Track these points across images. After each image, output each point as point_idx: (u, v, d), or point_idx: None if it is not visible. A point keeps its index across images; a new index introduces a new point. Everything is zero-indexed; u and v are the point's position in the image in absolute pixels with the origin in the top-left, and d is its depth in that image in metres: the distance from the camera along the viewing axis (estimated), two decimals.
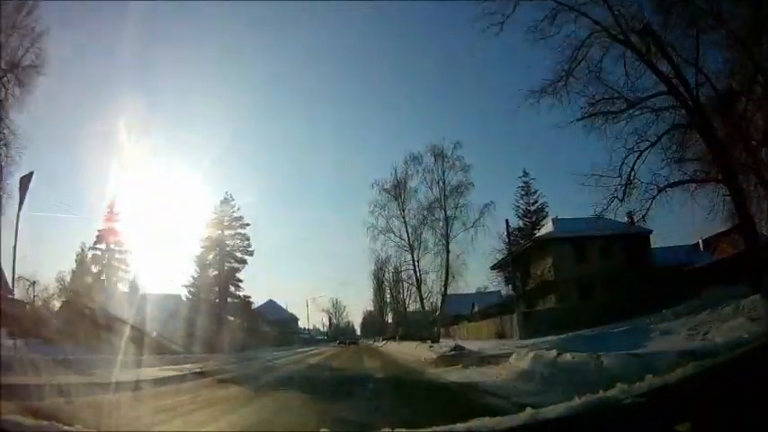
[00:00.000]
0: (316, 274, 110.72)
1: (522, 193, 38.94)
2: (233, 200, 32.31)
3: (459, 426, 1.71)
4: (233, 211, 32.04)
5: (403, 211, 30.62)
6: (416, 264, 30.03)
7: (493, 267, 35.27)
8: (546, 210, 38.44)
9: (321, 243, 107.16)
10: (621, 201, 17.37)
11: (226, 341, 26.62)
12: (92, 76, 51.91)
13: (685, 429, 1.32)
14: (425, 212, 30.05)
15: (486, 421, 1.72)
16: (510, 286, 34.44)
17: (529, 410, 1.77)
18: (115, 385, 8.57)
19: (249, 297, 32.45)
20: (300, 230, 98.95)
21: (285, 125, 72.42)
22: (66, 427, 2.14)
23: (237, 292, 32.09)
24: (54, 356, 14.59)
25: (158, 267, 38.56)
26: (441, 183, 29.83)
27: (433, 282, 30.30)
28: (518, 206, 38.71)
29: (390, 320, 66.40)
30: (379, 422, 4.22)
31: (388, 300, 50.10)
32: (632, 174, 16.66)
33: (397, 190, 30.77)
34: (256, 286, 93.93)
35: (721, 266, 21.52)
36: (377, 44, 61.63)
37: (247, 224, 32.55)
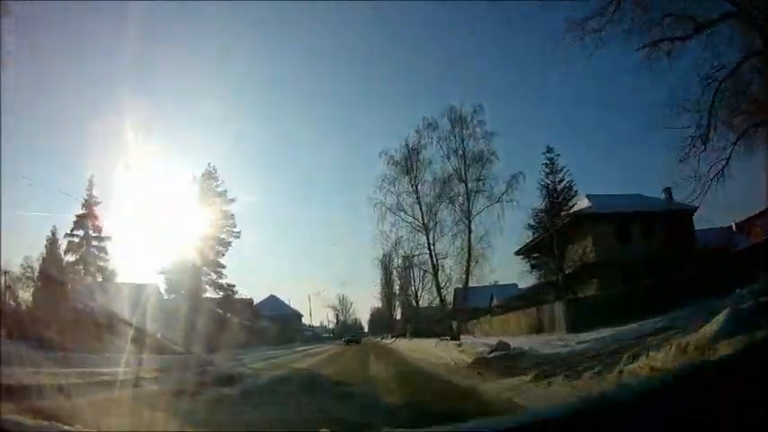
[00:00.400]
0: (321, 272, 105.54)
1: (547, 171, 33.23)
2: (216, 172, 27.23)
3: (459, 426, 1.61)
4: (216, 185, 27.02)
5: (416, 185, 25.15)
6: (432, 247, 24.56)
7: (518, 252, 29.65)
8: (574, 188, 32.68)
9: (327, 242, 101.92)
10: (705, 142, 13.79)
11: (206, 338, 21.43)
12: (85, 64, 47.45)
13: (685, 428, 1.24)
14: (442, 185, 24.55)
15: (487, 421, 1.70)
16: (540, 273, 28.85)
17: (529, 410, 1.19)
18: None
19: (233, 286, 27.30)
20: (306, 228, 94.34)
21: (288, 124, 67.69)
22: (66, 427, 2.01)
23: (220, 281, 27.06)
24: None
25: (141, 256, 33.71)
26: (460, 150, 24.34)
27: (450, 269, 24.78)
28: (543, 185, 33.02)
29: (399, 316, 60.96)
30: (380, 422, 4.02)
31: (397, 292, 44.19)
32: (713, 108, 13.47)
33: (409, 161, 25.33)
34: (259, 283, 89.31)
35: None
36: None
37: (232, 200, 27.37)
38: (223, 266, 25.63)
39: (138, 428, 4.58)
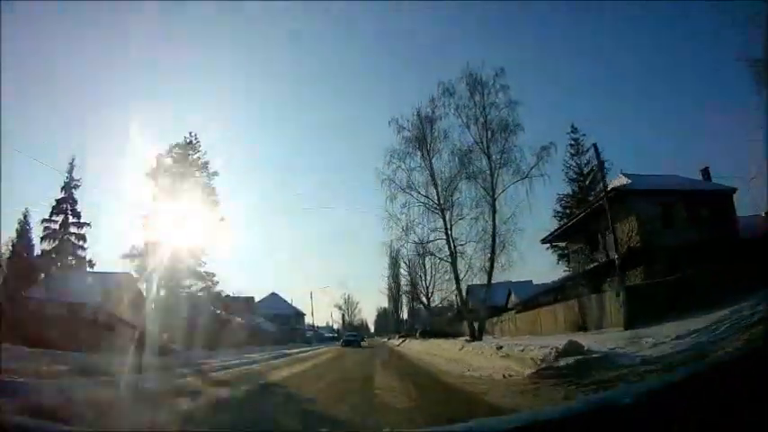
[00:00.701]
0: (326, 270, 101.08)
1: (573, 152, 28.84)
2: (198, 141, 22.66)
3: (460, 426, 1.55)
4: (198, 157, 22.41)
5: (430, 160, 20.80)
6: (449, 231, 20.11)
7: (545, 240, 25.12)
8: (604, 170, 28.17)
9: (332, 238, 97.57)
10: None
11: (179, 335, 17.19)
12: (64, 43, 43.84)
13: (686, 429, 1.19)
14: (461, 159, 20.17)
15: (487, 421, 1.59)
16: (575, 262, 24.27)
17: (529, 410, 1.11)
18: None
19: (214, 275, 22.22)
20: (309, 225, 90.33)
21: (287, 99, 63.09)
22: (66, 427, 1.94)
23: (199, 269, 21.95)
24: None
25: (120, 242, 29.52)
26: (482, 119, 20.02)
27: (471, 257, 20.27)
28: (568, 166, 28.62)
29: (406, 316, 56.31)
30: (380, 423, 3.80)
31: (407, 288, 39.16)
32: None
33: (422, 132, 21.02)
34: (262, 281, 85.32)
35: None
36: None
37: (215, 173, 22.90)
38: (203, 252, 21.22)
39: (138, 428, 4.22)
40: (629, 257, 19.56)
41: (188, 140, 21.84)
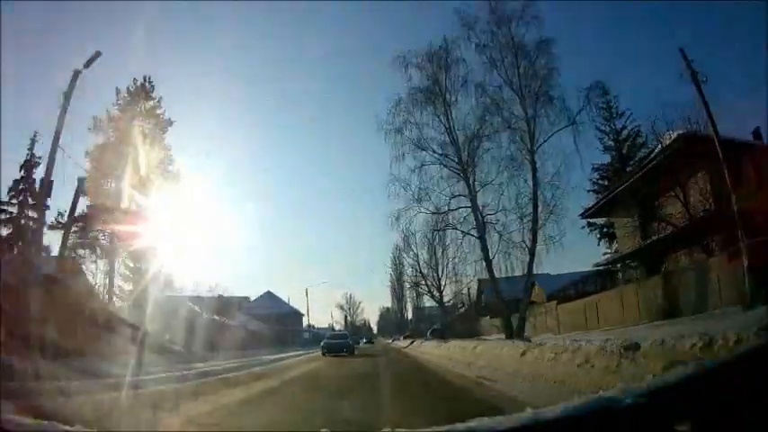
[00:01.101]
0: (328, 268, 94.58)
1: (605, 116, 23.52)
2: (151, 86, 17.16)
3: (459, 426, 1.41)
4: (153, 105, 16.94)
5: (447, 110, 15.67)
6: (474, 195, 14.87)
7: (584, 215, 19.73)
8: (642, 135, 22.90)
9: (336, 239, 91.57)
10: None
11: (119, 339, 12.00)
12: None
13: (685, 429, 1.11)
14: (487, 105, 15.07)
15: (487, 421, 1.45)
16: (612, 245, 18.98)
17: (529, 410, 1.42)
18: None
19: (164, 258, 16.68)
20: (309, 221, 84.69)
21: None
22: (66, 427, 1.72)
23: (142, 242, 16.38)
24: None
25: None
26: (510, 57, 14.93)
27: (501, 231, 14.95)
28: (602, 131, 23.30)
29: (411, 315, 50.68)
30: (380, 422, 3.61)
31: (414, 279, 32.49)
32: None
33: (436, 78, 15.90)
34: (259, 282, 79.26)
35: None
36: None
37: (170, 122, 17.35)
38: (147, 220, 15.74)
39: (138, 428, 3.93)
40: (700, 225, 14.35)
41: (139, 83, 16.57)
